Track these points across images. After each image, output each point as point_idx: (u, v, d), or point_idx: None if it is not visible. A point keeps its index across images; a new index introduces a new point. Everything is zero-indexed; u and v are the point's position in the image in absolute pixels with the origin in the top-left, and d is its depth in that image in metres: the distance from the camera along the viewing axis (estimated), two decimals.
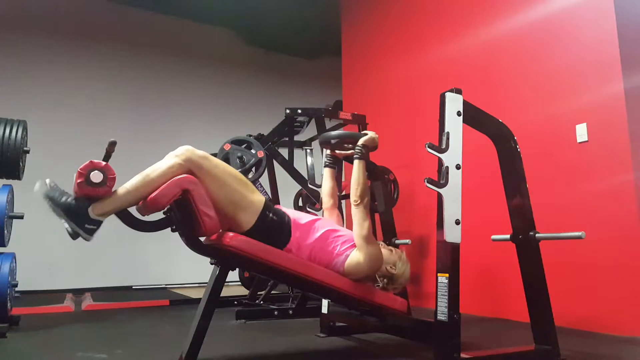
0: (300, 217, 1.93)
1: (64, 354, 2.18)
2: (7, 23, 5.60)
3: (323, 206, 2.25)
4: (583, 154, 2.70)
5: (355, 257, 1.89)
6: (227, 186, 1.77)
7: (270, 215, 1.84)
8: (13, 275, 2.80)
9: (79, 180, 1.57)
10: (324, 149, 2.27)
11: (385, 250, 2.02)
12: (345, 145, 2.16)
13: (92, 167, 1.59)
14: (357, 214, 1.92)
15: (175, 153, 1.74)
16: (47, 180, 1.63)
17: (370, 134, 2.06)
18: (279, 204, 3.49)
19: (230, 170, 1.82)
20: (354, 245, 1.92)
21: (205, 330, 1.80)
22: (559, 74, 2.88)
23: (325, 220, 2.03)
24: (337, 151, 2.23)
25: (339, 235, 1.95)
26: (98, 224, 1.62)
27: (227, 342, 2.45)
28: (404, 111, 4.26)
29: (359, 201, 1.92)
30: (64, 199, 1.59)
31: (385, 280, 1.98)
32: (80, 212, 1.59)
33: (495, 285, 3.18)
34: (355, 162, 2.00)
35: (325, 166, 2.25)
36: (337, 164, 2.27)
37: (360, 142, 2.03)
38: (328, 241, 1.91)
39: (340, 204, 2.61)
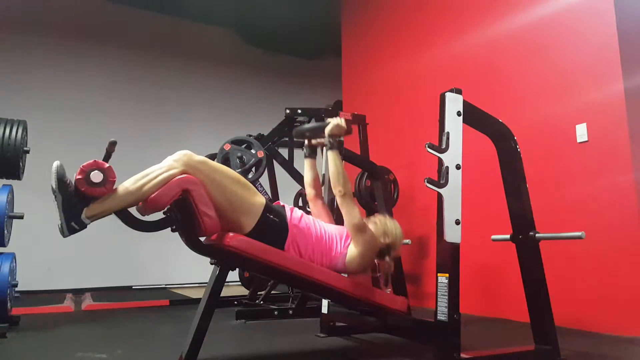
0: (298, 219, 1.92)
1: (64, 354, 2.18)
2: (7, 23, 5.59)
3: (307, 197, 2.25)
4: (583, 154, 2.70)
5: (354, 250, 1.90)
6: (228, 190, 1.76)
7: (271, 217, 1.84)
8: (13, 275, 2.80)
9: (78, 177, 1.57)
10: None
11: (371, 225, 2.01)
12: (321, 134, 2.12)
13: (95, 166, 1.58)
14: (344, 204, 1.91)
15: (173, 158, 1.73)
16: (59, 163, 1.61)
17: (334, 120, 2.02)
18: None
19: (230, 174, 1.82)
20: (347, 239, 1.94)
21: (205, 330, 1.80)
22: (559, 74, 2.88)
23: (322, 222, 2.03)
24: (313, 141, 2.22)
25: (335, 236, 1.96)
26: (83, 226, 1.61)
27: (227, 342, 2.45)
28: (404, 111, 4.26)
29: (343, 191, 1.91)
30: (70, 189, 1.59)
31: (388, 252, 1.99)
32: (74, 210, 1.58)
33: (495, 285, 3.18)
34: (328, 153, 1.98)
35: (305, 157, 2.24)
36: (315, 154, 2.26)
37: (327, 132, 2.01)
38: (325, 243, 1.92)
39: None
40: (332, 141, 2.00)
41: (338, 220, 2.12)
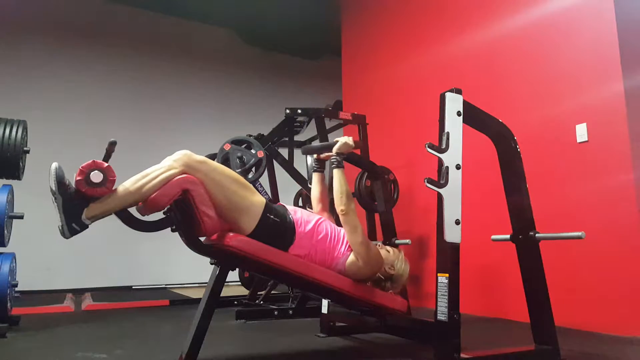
0: (303, 218, 1.92)
1: (64, 354, 2.18)
2: (7, 23, 5.59)
3: (313, 210, 2.25)
4: (583, 154, 2.70)
5: (355, 260, 1.91)
6: (227, 189, 1.76)
7: (272, 217, 1.83)
8: (13, 275, 2.80)
9: (78, 178, 1.57)
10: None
11: (383, 251, 2.03)
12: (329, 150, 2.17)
13: (94, 166, 1.59)
14: (347, 222, 1.92)
15: (173, 158, 1.73)
16: (58, 164, 1.61)
17: (342, 139, 2.07)
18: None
19: (229, 173, 1.82)
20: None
21: (205, 330, 1.80)
22: (559, 74, 2.88)
23: (327, 221, 2.03)
24: (322, 155, 2.23)
25: (340, 236, 1.96)
26: (84, 227, 1.61)
27: (227, 342, 2.45)
28: (404, 111, 4.26)
29: (346, 210, 1.91)
30: (69, 190, 1.59)
31: (387, 282, 2.01)
32: (75, 211, 1.59)
33: (495, 285, 3.18)
34: (334, 171, 2.00)
35: (313, 171, 2.25)
36: (324, 168, 2.28)
37: (334, 150, 2.04)
38: (329, 243, 1.92)
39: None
40: (338, 159, 2.02)
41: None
